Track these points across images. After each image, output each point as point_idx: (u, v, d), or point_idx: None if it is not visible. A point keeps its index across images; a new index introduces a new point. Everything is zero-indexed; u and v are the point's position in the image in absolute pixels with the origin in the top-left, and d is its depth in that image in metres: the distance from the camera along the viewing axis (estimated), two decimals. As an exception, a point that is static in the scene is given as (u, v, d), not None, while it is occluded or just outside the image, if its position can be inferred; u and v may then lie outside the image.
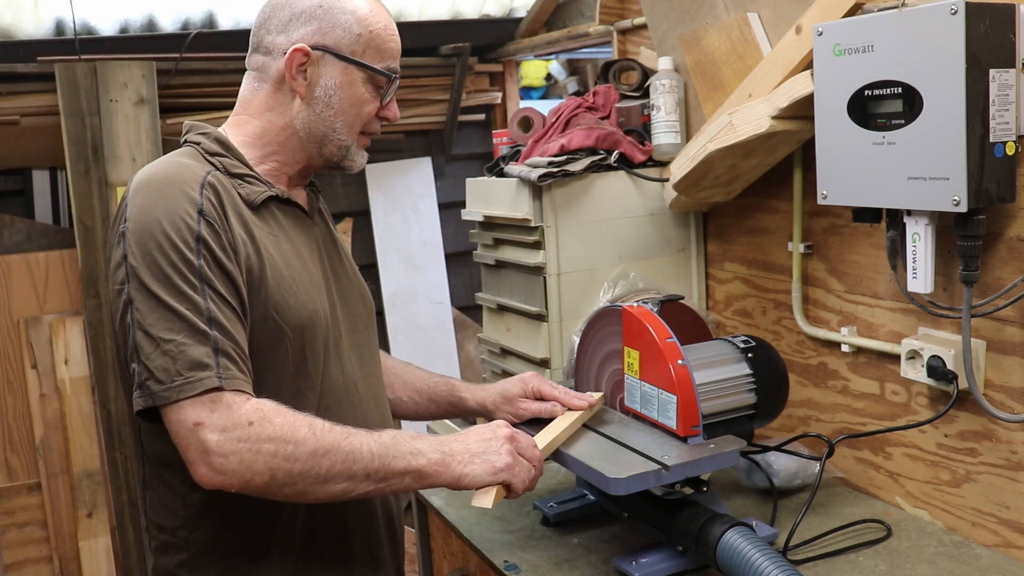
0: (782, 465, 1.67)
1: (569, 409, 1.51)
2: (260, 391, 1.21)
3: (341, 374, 1.35)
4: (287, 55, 1.29)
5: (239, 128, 1.35)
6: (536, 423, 1.50)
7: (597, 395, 1.56)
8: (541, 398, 1.54)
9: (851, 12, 1.51)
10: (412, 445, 1.22)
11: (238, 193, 1.27)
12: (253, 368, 1.21)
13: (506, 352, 2.11)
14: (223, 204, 1.22)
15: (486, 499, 1.23)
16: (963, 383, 1.44)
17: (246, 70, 1.37)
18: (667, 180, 1.94)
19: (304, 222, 1.38)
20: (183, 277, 1.15)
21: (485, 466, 1.24)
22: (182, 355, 1.12)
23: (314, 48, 1.30)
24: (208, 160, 1.28)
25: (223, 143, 1.31)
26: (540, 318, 1.94)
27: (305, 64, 1.30)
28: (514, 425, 1.52)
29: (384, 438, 1.21)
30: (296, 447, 1.13)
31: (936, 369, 1.47)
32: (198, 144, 1.31)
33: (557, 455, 1.43)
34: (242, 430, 1.11)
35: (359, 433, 1.19)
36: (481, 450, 1.26)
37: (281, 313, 1.24)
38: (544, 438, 1.39)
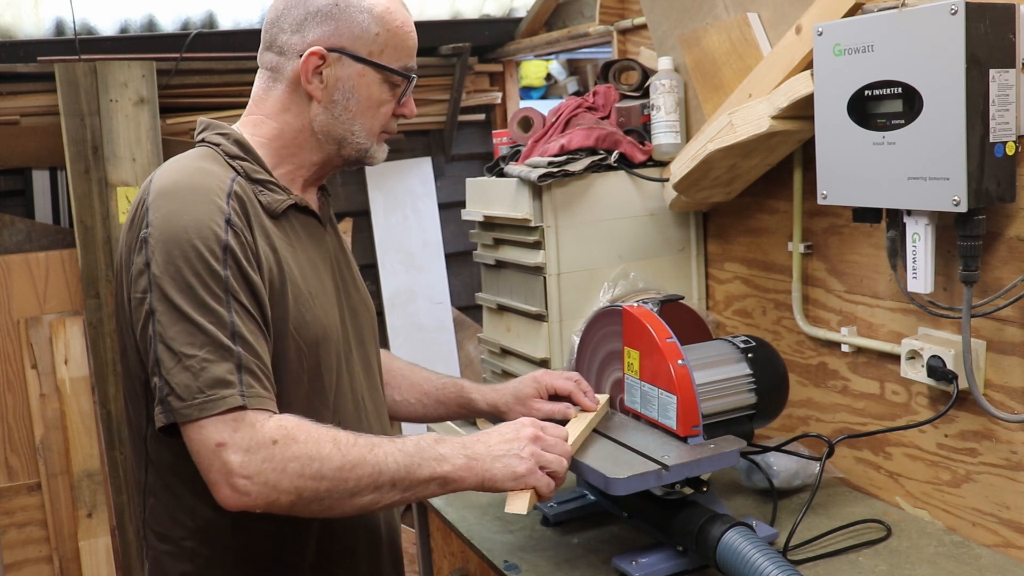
0: (782, 465, 1.67)
1: (582, 410, 1.50)
2: (278, 409, 1.17)
3: (350, 389, 1.32)
4: (303, 58, 1.24)
5: (256, 128, 1.30)
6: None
7: (602, 398, 1.56)
8: (555, 393, 1.53)
9: (851, 12, 1.51)
10: (436, 451, 1.17)
11: (259, 201, 1.22)
12: None
13: (506, 352, 2.11)
14: (248, 215, 1.18)
15: (519, 504, 1.18)
16: (963, 383, 1.44)
17: (257, 67, 1.32)
18: (667, 180, 1.94)
19: (317, 231, 1.34)
20: (208, 289, 1.10)
21: (506, 471, 1.20)
22: (204, 371, 1.07)
23: (330, 50, 1.25)
24: (229, 164, 1.24)
25: (243, 146, 1.26)
26: (540, 318, 1.94)
27: (321, 67, 1.25)
28: None
29: (408, 446, 1.16)
30: (322, 464, 1.09)
31: (936, 369, 1.47)
32: (217, 146, 1.26)
33: None
34: (266, 450, 1.07)
35: (383, 442, 1.15)
36: (502, 453, 1.21)
37: (299, 329, 1.21)
38: (571, 439, 1.35)
